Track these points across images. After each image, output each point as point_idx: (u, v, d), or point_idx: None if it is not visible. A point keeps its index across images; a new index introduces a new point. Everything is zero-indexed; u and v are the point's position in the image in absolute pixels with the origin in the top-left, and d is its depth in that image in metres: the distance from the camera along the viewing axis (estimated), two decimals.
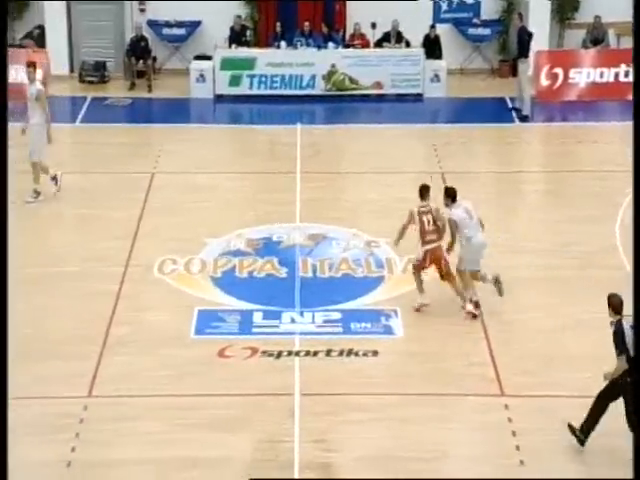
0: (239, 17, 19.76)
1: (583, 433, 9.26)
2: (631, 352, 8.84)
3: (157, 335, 11.35)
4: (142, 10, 20.05)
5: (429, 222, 11.55)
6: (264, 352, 11.01)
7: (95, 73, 19.46)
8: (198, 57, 19.68)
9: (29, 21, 19.84)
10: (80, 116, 18.15)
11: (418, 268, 11.72)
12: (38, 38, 19.60)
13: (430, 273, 11.87)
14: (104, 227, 13.89)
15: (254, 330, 11.51)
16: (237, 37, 19.58)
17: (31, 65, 14.69)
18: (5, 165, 11.68)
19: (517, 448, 9.41)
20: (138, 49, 19.44)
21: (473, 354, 10.97)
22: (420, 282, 11.79)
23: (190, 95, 19.06)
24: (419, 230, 11.55)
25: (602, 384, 9.16)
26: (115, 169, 15.82)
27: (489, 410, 9.99)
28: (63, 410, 9.89)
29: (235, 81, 19.14)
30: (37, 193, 14.56)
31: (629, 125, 13.07)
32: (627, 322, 8.94)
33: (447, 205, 11.58)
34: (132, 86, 19.37)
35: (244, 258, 13.10)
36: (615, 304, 8.97)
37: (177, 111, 18.73)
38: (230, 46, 19.46)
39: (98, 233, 13.71)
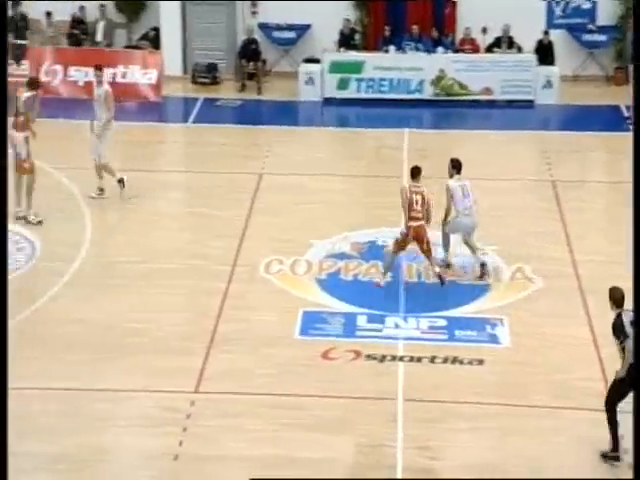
0: (348, 20, 19.84)
1: (615, 450, 9.22)
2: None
3: (262, 334, 11.48)
4: (254, 13, 20.32)
5: (417, 202, 12.20)
6: (368, 356, 11.01)
7: (207, 74, 19.82)
8: (307, 60, 19.85)
9: (145, 23, 20.32)
10: (192, 116, 18.51)
11: (398, 246, 12.36)
12: (153, 39, 20.07)
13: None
14: (213, 226, 14.12)
15: (358, 333, 11.53)
16: (346, 40, 19.67)
17: (99, 68, 15.03)
18: (5, 165, 11.80)
19: (629, 467, 9.16)
20: (249, 51, 19.71)
21: (582, 367, 10.73)
22: (392, 261, 12.45)
23: (299, 98, 19.23)
24: (407, 206, 12.23)
25: None
26: (224, 169, 16.07)
27: (596, 426, 9.74)
28: (170, 404, 10.09)
29: (343, 84, 19.22)
30: (101, 190, 14.64)
31: None
32: (627, 315, 9.02)
33: (451, 176, 12.63)
34: (242, 88, 19.65)
35: (349, 261, 13.14)
36: (616, 297, 9.05)
37: (285, 113, 18.92)
38: (339, 49, 19.55)
39: (207, 232, 13.95)
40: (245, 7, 20.27)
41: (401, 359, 10.98)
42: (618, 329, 8.98)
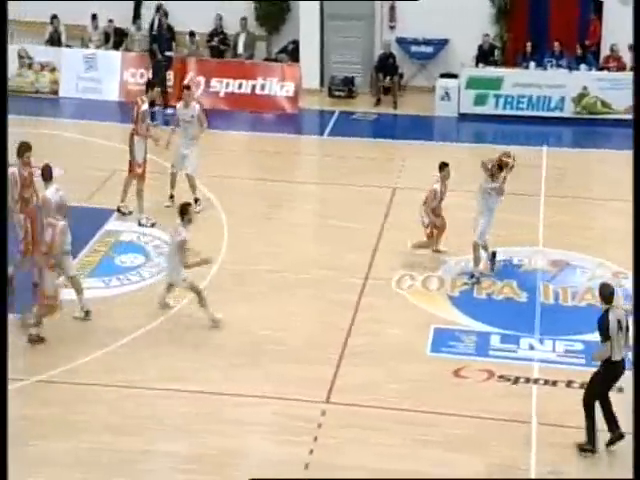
0: (487, 36, 19.62)
1: (613, 435, 9.55)
2: (616, 341, 9.24)
3: (393, 349, 11.45)
4: (392, 27, 20.36)
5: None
6: (501, 376, 10.83)
7: (343, 88, 19.96)
8: (444, 75, 19.73)
9: (286, 36, 20.63)
10: (328, 129, 18.67)
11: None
12: (292, 52, 20.36)
13: None
14: (346, 238, 14.18)
15: (491, 353, 11.35)
16: (485, 56, 19.46)
17: (188, 87, 15.32)
18: (5, 165, 11.92)
19: None
20: (386, 66, 19.75)
21: None
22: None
23: (434, 113, 19.13)
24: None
25: None
26: (358, 182, 16.12)
27: None
28: (302, 413, 10.17)
29: (480, 100, 19.02)
30: (196, 200, 14.49)
31: None
32: (614, 313, 9.26)
33: (493, 174, 13.12)
34: (378, 102, 19.70)
35: (483, 279, 12.96)
36: (605, 294, 9.37)
37: (421, 128, 18.84)
38: (477, 65, 19.36)
39: (340, 244, 14.02)
40: (383, 21, 20.33)
41: (536, 382, 10.74)
42: (602, 326, 9.27)
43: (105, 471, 9.51)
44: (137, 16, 20.25)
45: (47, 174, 12.18)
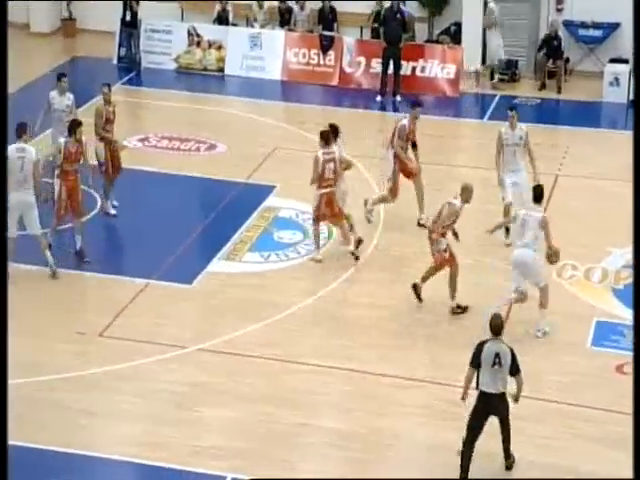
0: None
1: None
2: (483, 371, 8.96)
3: (553, 340, 11.20)
4: (559, 10, 19.72)
5: (330, 170, 12.66)
6: None
7: (506, 71, 19.50)
8: (613, 60, 18.99)
9: (448, 17, 20.33)
10: (488, 113, 18.29)
11: (317, 217, 12.83)
12: (454, 35, 20.06)
13: None
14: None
15: None
16: None
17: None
18: (5, 165, 11.85)
19: None
20: (551, 48, 19.17)
21: None
22: (318, 235, 12.90)
23: (602, 99, 18.45)
24: (318, 177, 12.61)
25: None
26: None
27: None
28: (455, 398, 10.00)
29: None
30: (358, 242, 13.11)
31: None
32: (496, 345, 8.98)
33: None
34: (542, 86, 19.15)
35: None
36: (494, 326, 9.00)
37: (587, 114, 18.19)
38: None
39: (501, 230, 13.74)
40: (550, 3, 19.74)
41: None
42: (474, 353, 9.00)
43: (264, 441, 9.71)
44: None
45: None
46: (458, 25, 20.12)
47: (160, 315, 11.87)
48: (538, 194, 11.41)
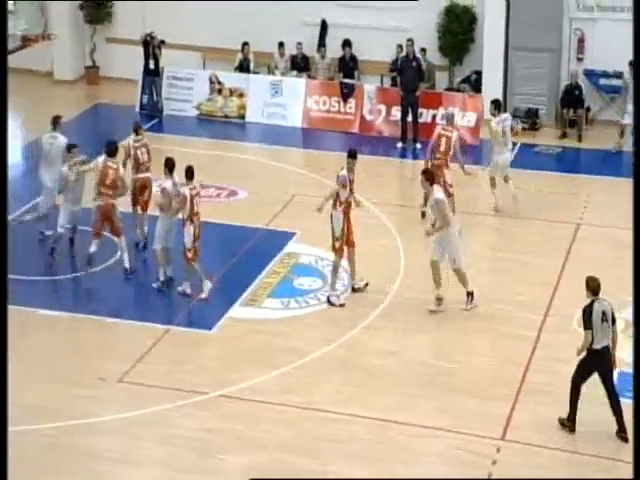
0: None
1: (570, 421, 10.23)
2: (596, 330, 10.16)
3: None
4: (580, 59, 19.84)
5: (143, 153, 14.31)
6: None
7: (526, 120, 19.59)
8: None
9: (468, 66, 20.50)
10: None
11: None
12: (474, 83, 20.19)
13: None
14: (526, 273, 13.87)
15: None
16: None
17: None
18: (5, 165, 11.98)
19: None
20: (571, 98, 19.25)
21: None
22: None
23: (623, 148, 18.47)
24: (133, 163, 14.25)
25: None
26: (539, 216, 15.76)
27: None
28: (476, 448, 10.01)
29: None
30: (439, 300, 12.96)
31: None
32: (601, 305, 10.27)
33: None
34: (563, 135, 19.21)
35: None
36: (593, 287, 10.33)
37: (608, 163, 18.20)
38: None
39: (517, 278, 13.73)
40: (571, 53, 19.85)
41: None
42: (586, 316, 10.20)
43: None
44: (322, 44, 20.66)
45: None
46: (479, 74, 20.27)
47: (180, 361, 11.90)
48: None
